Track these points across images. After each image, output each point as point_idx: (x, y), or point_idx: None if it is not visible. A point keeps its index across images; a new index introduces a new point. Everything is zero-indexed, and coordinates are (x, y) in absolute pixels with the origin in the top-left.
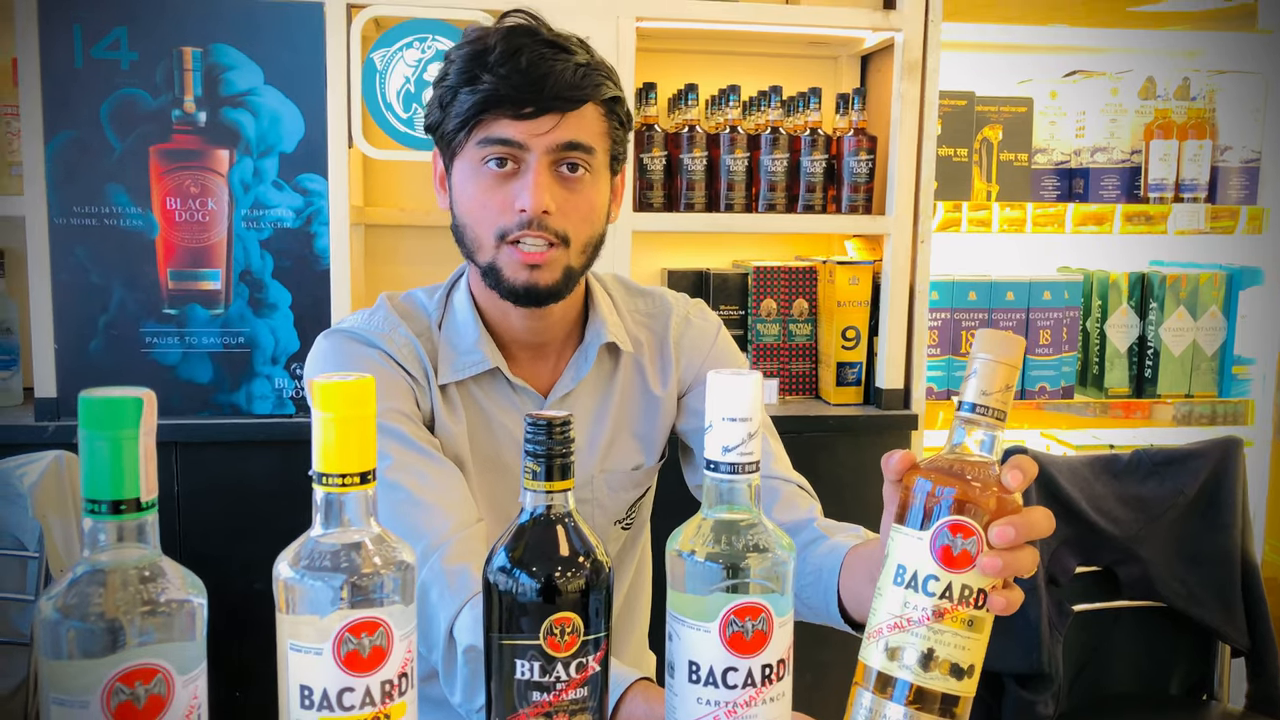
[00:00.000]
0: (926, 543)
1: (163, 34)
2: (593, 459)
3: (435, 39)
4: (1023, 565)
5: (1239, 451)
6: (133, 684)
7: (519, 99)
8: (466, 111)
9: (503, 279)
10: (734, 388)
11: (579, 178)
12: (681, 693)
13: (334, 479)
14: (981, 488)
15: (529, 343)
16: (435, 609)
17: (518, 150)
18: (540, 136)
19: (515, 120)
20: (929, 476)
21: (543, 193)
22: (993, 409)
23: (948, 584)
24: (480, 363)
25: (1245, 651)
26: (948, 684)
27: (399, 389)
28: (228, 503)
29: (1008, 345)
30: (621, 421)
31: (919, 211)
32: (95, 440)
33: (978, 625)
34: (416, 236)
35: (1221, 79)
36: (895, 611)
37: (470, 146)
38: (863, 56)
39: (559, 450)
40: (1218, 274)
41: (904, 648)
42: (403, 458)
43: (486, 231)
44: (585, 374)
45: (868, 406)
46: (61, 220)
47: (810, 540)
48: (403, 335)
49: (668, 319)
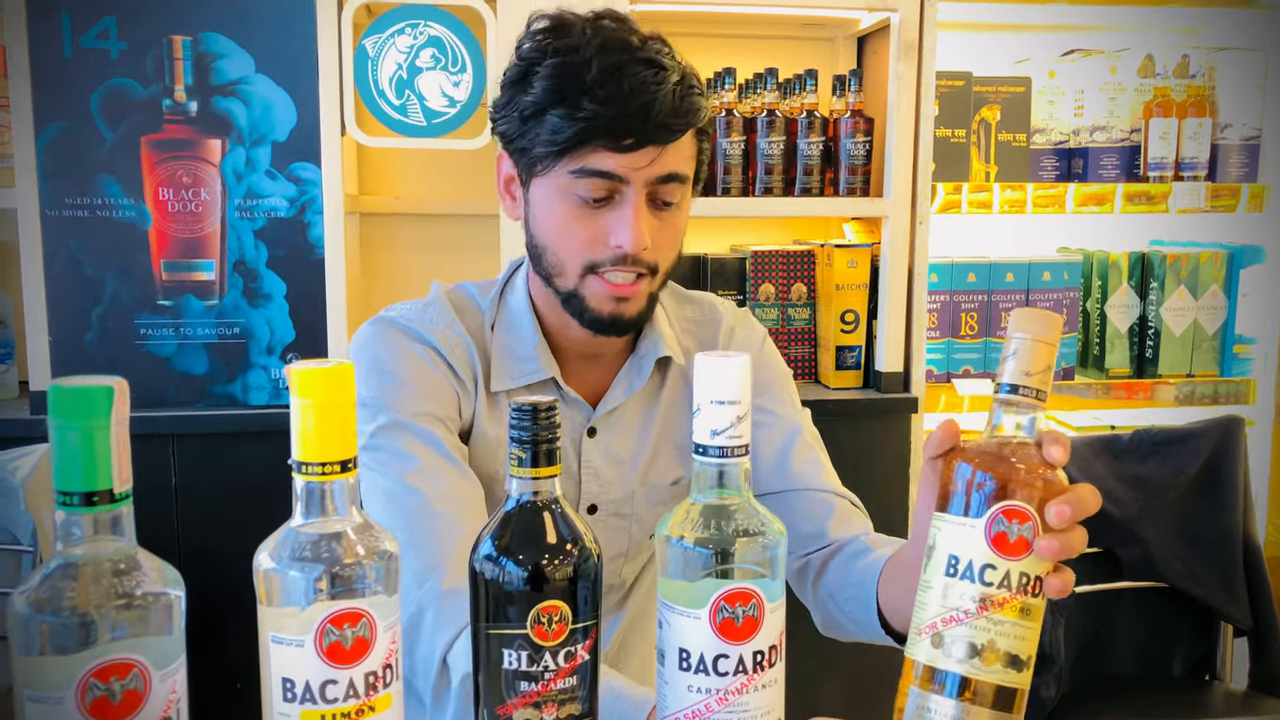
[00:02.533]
0: (981, 530)
1: (152, 23)
2: (635, 472)
3: (427, 25)
4: (1077, 545)
5: (1240, 431)
6: (108, 679)
7: (621, 130)
8: (564, 141)
9: (587, 309)
10: (722, 370)
11: (672, 209)
12: (672, 680)
13: (314, 467)
14: (1028, 470)
15: (584, 354)
16: (430, 634)
17: (616, 183)
18: (640, 170)
19: (615, 153)
20: (972, 461)
21: (643, 230)
22: (1034, 389)
23: (1005, 572)
24: (536, 371)
25: (1248, 631)
26: (1007, 676)
27: (443, 392)
28: (225, 494)
29: (1046, 323)
30: (666, 434)
31: (917, 193)
32: (66, 431)
33: (1034, 613)
34: (412, 224)
35: (1220, 56)
36: (950, 604)
37: (560, 171)
38: (859, 38)
39: (545, 436)
40: (1218, 253)
41: (960, 641)
42: (430, 463)
43: (573, 260)
44: (639, 388)
45: (867, 390)
46: (53, 212)
47: (856, 553)
48: (457, 333)
49: (716, 329)
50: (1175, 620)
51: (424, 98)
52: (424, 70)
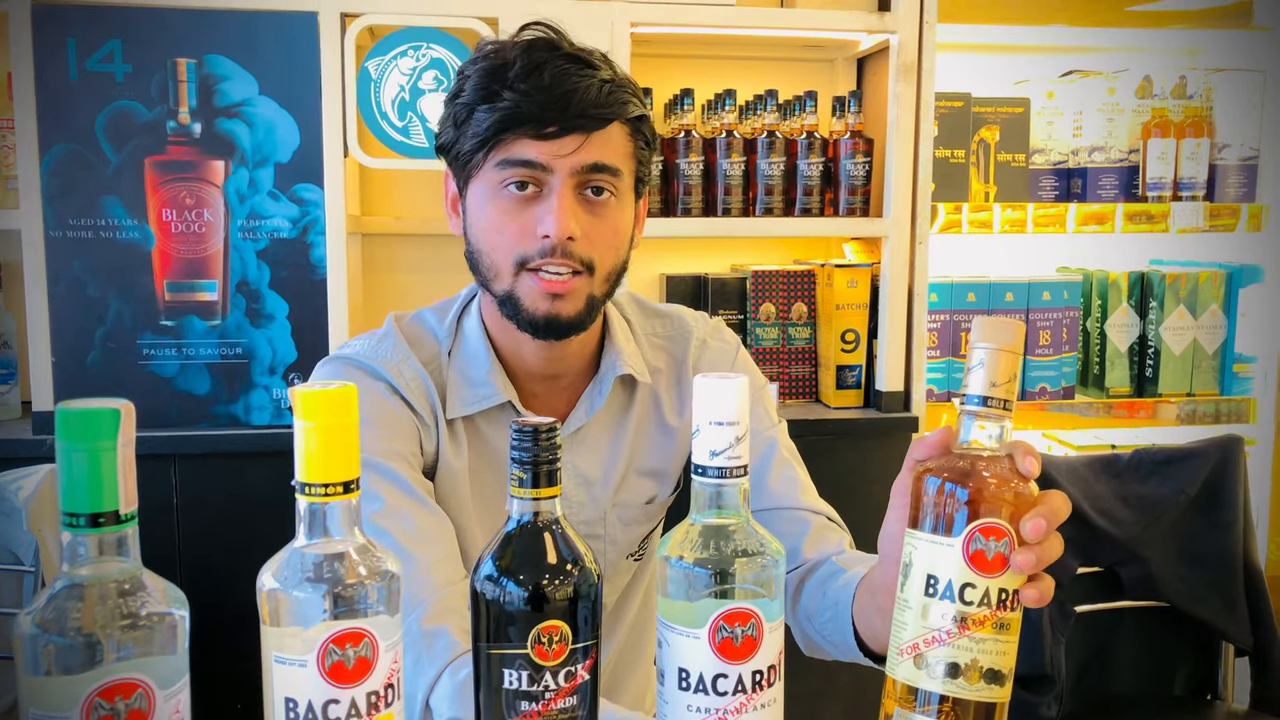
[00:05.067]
0: (958, 549)
1: (157, 46)
2: (605, 494)
3: (429, 47)
4: (1053, 553)
5: (1240, 450)
6: (112, 699)
7: (542, 117)
8: (485, 131)
9: (522, 309)
10: (721, 391)
11: (604, 201)
12: (672, 700)
13: (317, 489)
14: (999, 483)
15: (543, 374)
16: (410, 674)
17: (540, 172)
18: (564, 158)
19: (537, 140)
20: (945, 476)
21: (568, 217)
22: (1002, 400)
23: (985, 590)
24: (491, 396)
25: (1249, 651)
26: (989, 692)
27: (402, 428)
28: (227, 514)
29: (1009, 331)
30: (636, 455)
31: (917, 213)
32: (73, 452)
33: (1013, 627)
34: (413, 245)
35: (1218, 77)
36: (931, 625)
37: (488, 168)
38: (858, 59)
39: (545, 457)
40: (1217, 272)
41: (941, 661)
42: (395, 502)
43: (505, 258)
44: (599, 408)
45: (868, 409)
46: (57, 233)
47: (829, 575)
48: (412, 369)
49: (686, 343)
50: (1176, 640)
51: (426, 119)
52: (426, 92)
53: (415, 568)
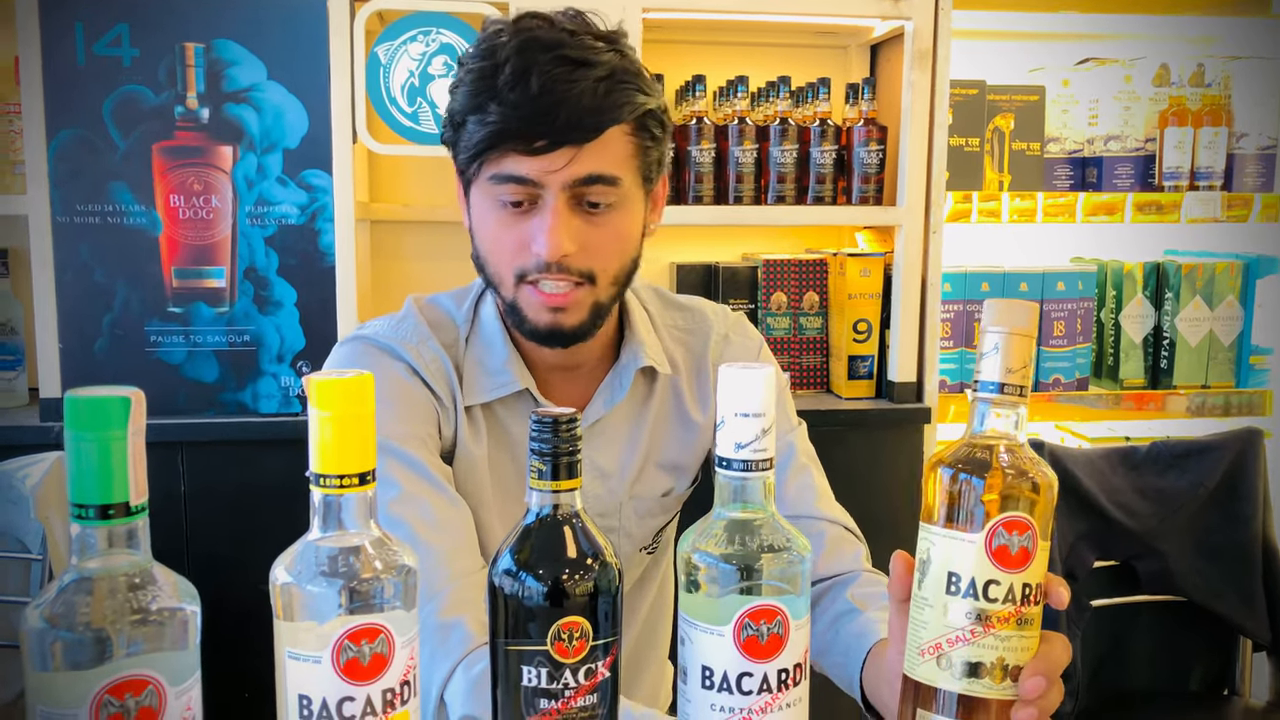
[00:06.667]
0: (980, 545)
1: (165, 30)
2: (622, 485)
3: (439, 32)
4: (1054, 703)
5: (1260, 442)
6: (122, 696)
7: (530, 132)
8: (475, 145)
9: (525, 320)
10: (748, 382)
11: (602, 211)
12: (695, 699)
13: (332, 480)
14: (1020, 475)
15: (561, 365)
16: (426, 667)
17: (532, 188)
18: (555, 173)
19: (527, 155)
20: (964, 469)
21: (560, 235)
22: (1018, 386)
23: (1009, 586)
24: (509, 384)
25: (1267, 646)
26: (1013, 690)
27: (422, 410)
28: (235, 502)
29: (1022, 314)
30: (655, 447)
31: (930, 202)
32: (82, 442)
33: (1035, 622)
34: (423, 232)
35: (1236, 65)
36: (953, 623)
37: (483, 180)
38: (872, 45)
39: (566, 448)
40: (1234, 263)
41: (965, 660)
42: (412, 489)
43: (505, 270)
44: (619, 400)
45: (880, 400)
46: (65, 219)
47: (843, 613)
48: (432, 350)
49: (707, 337)
50: (1193, 634)
51: (435, 105)
52: (436, 78)
53: (432, 557)
